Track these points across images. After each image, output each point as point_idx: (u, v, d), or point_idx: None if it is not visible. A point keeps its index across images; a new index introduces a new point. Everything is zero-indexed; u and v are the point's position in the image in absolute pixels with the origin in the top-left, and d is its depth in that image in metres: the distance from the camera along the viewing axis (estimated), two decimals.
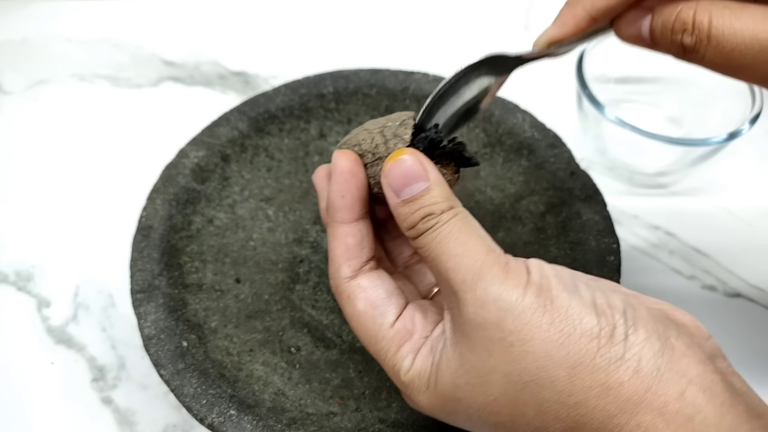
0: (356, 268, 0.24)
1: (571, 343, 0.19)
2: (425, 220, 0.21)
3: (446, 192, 0.22)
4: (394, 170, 0.22)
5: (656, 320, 0.20)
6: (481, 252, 0.21)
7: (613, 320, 0.19)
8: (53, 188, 0.44)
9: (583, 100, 0.40)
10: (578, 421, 0.19)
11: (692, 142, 0.38)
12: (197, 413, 0.27)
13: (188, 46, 0.53)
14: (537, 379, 0.19)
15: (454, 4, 0.57)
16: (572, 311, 0.19)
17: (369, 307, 0.23)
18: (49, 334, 0.36)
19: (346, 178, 0.23)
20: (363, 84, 0.40)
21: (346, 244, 0.24)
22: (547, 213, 0.36)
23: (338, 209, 0.24)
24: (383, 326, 0.23)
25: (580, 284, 0.21)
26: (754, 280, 0.39)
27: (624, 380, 0.18)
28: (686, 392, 0.18)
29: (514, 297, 0.20)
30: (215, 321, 0.32)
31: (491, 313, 0.20)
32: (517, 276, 0.20)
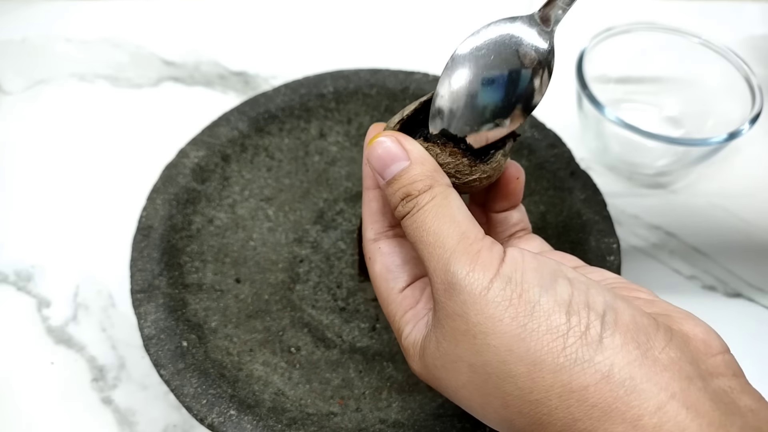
0: (378, 231, 0.25)
1: (534, 339, 0.18)
2: (404, 202, 0.22)
3: (427, 169, 0.22)
4: (373, 153, 0.22)
5: (640, 329, 0.19)
6: (452, 240, 0.20)
7: (587, 321, 0.19)
8: (53, 188, 0.44)
9: (583, 100, 0.40)
10: (541, 420, 0.19)
11: (692, 142, 0.38)
12: (197, 413, 0.27)
13: (188, 46, 0.53)
14: (499, 372, 0.19)
15: (454, 3, 0.57)
16: (540, 307, 0.19)
17: (384, 270, 0.24)
18: (49, 334, 0.36)
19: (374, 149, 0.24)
20: (363, 84, 0.40)
21: (370, 207, 0.25)
22: (547, 213, 0.36)
23: (365, 176, 0.25)
24: (393, 290, 0.24)
25: (562, 280, 0.20)
26: (754, 280, 0.39)
27: (589, 384, 0.18)
28: (666, 407, 0.17)
29: (478, 290, 0.19)
30: (215, 321, 0.32)
31: (457, 305, 0.20)
32: (484, 267, 0.20)
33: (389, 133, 0.22)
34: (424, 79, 0.40)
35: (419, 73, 0.40)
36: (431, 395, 0.30)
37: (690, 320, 0.20)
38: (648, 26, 0.43)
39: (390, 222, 0.25)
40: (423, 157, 0.22)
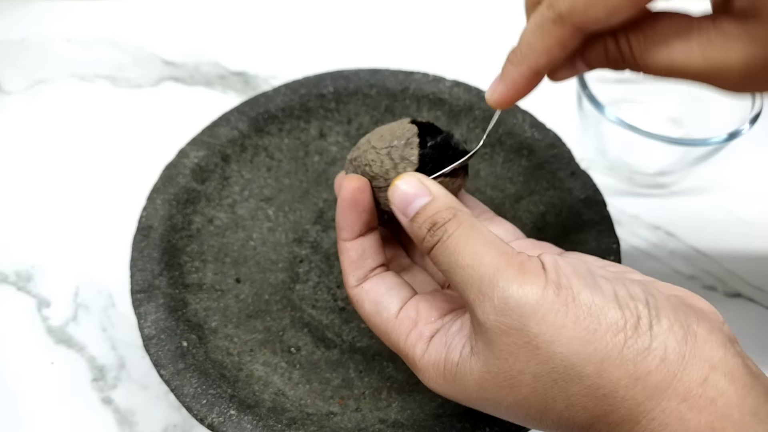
0: (360, 277, 0.26)
1: (598, 339, 0.19)
2: (432, 232, 0.22)
3: (448, 201, 0.23)
4: (396, 195, 0.24)
5: (676, 308, 0.20)
6: (492, 258, 0.21)
7: (636, 311, 0.20)
8: (53, 188, 0.44)
9: (583, 100, 0.40)
10: (605, 410, 0.20)
11: (692, 142, 0.38)
12: (197, 413, 0.27)
13: (188, 46, 0.53)
14: (566, 376, 0.20)
15: (454, 3, 0.57)
16: (595, 307, 0.20)
17: (373, 304, 0.25)
18: (49, 334, 0.36)
19: (348, 205, 0.26)
20: (363, 84, 0.40)
21: (349, 257, 0.26)
22: (547, 213, 0.36)
23: (341, 229, 0.26)
24: (388, 318, 0.25)
25: (599, 278, 0.21)
26: (754, 280, 0.39)
27: (651, 369, 0.19)
28: (709, 377, 0.19)
29: (534, 300, 0.20)
30: (215, 321, 0.32)
31: (513, 320, 0.20)
32: (533, 277, 0.20)
33: (408, 174, 0.24)
34: (424, 79, 0.40)
35: (419, 73, 0.40)
36: (431, 395, 0.30)
37: (694, 296, 0.22)
38: None
39: (371, 266, 0.26)
40: (443, 192, 0.23)
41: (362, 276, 0.26)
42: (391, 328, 0.24)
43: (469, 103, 0.39)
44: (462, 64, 0.47)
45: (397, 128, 0.26)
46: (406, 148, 0.25)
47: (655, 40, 0.23)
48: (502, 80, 0.25)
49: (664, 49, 0.23)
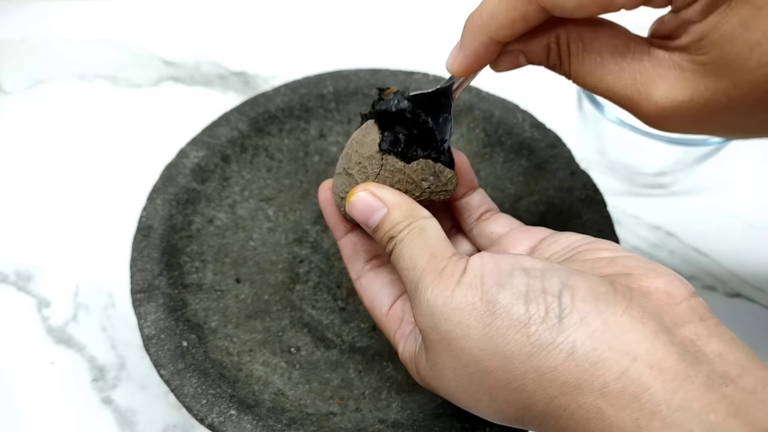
0: (358, 270, 0.28)
1: (500, 336, 0.20)
2: (389, 243, 0.24)
3: (404, 211, 0.24)
4: (353, 210, 0.25)
5: (599, 299, 0.19)
6: (422, 262, 0.22)
7: (545, 305, 0.20)
8: (53, 188, 0.44)
9: (583, 100, 0.40)
10: (524, 404, 0.20)
11: (692, 142, 0.38)
12: (197, 413, 0.27)
13: (188, 46, 0.53)
14: (477, 371, 0.20)
15: (454, 3, 0.57)
16: (499, 304, 0.20)
17: (370, 301, 0.28)
18: (49, 334, 0.36)
19: (324, 206, 0.28)
20: (363, 84, 0.40)
21: (345, 254, 0.29)
22: (547, 213, 0.36)
23: (331, 229, 0.29)
24: (381, 315, 0.27)
25: (518, 272, 0.21)
26: (754, 280, 0.39)
27: (557, 364, 0.19)
28: (629, 370, 0.18)
29: (441, 301, 0.21)
30: (215, 321, 0.32)
31: (427, 319, 0.21)
32: (447, 279, 0.21)
33: (363, 187, 0.25)
34: (424, 79, 0.40)
35: (419, 73, 0.40)
36: (430, 395, 0.30)
37: (651, 273, 0.21)
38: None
39: (364, 259, 0.28)
40: (398, 201, 0.24)
41: (359, 269, 0.28)
42: (384, 324, 0.27)
43: (469, 103, 0.39)
44: None
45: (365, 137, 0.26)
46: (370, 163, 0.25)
47: (591, 52, 0.23)
48: (461, 50, 0.25)
49: (597, 63, 0.23)
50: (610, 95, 0.23)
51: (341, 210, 0.27)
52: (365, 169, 0.25)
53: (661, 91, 0.21)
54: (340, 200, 0.27)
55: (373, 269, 0.28)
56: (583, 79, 0.23)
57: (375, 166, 0.25)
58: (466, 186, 0.28)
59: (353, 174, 0.25)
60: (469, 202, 0.29)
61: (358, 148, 0.25)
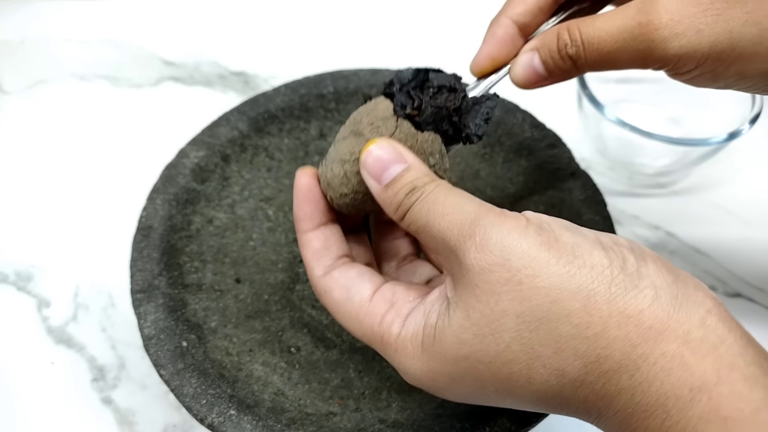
0: (327, 265, 0.24)
1: (583, 275, 0.19)
2: (409, 195, 0.22)
3: (426, 170, 0.22)
4: (369, 159, 0.22)
5: (663, 260, 0.20)
6: (473, 205, 0.21)
7: (621, 254, 0.19)
8: (53, 188, 0.44)
9: (583, 100, 0.40)
10: (599, 354, 0.18)
11: (692, 142, 0.38)
12: (197, 413, 0.27)
13: (188, 46, 0.53)
14: (551, 314, 0.19)
15: (454, 4, 0.57)
16: (578, 247, 0.19)
17: (343, 291, 0.24)
18: (49, 334, 0.36)
19: (304, 193, 0.25)
20: (363, 84, 0.40)
21: (312, 248, 0.25)
22: (547, 213, 0.36)
23: (299, 220, 0.25)
24: (361, 303, 0.23)
25: (582, 228, 0.21)
26: (754, 280, 0.39)
27: (644, 307, 0.18)
28: (707, 320, 0.18)
29: (516, 236, 0.19)
30: (215, 321, 0.32)
31: (495, 255, 0.19)
32: (515, 219, 0.20)
33: (382, 139, 0.23)
34: None
35: None
36: (431, 395, 0.30)
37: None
38: None
39: (336, 254, 0.25)
40: (418, 162, 0.23)
41: (329, 264, 0.24)
42: (364, 313, 0.23)
43: None
44: (462, 64, 0.47)
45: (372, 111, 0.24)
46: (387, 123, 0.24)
47: (597, 17, 0.25)
48: (483, 42, 0.26)
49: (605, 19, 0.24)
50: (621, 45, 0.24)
51: (328, 197, 0.25)
52: (379, 129, 0.23)
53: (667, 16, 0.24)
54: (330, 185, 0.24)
55: (345, 264, 0.24)
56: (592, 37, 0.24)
57: (390, 127, 0.23)
58: None
59: (364, 134, 0.23)
60: None
61: (370, 112, 0.24)
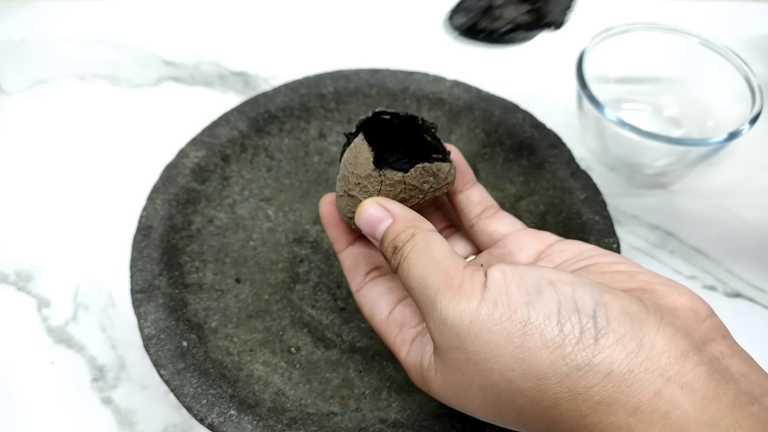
0: (358, 282, 0.28)
1: (533, 357, 0.19)
2: (394, 256, 0.23)
3: (407, 221, 0.24)
4: (361, 222, 0.25)
5: (632, 319, 0.19)
6: (435, 279, 0.21)
7: (579, 326, 0.19)
8: (53, 188, 0.44)
9: (583, 100, 0.40)
10: (555, 419, 0.20)
11: (692, 142, 0.38)
12: (197, 413, 0.27)
13: (188, 46, 0.53)
14: (508, 390, 0.20)
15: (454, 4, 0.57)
16: (531, 325, 0.20)
17: (369, 308, 0.28)
18: (49, 334, 0.36)
19: (327, 220, 0.29)
20: (363, 84, 0.40)
21: (346, 267, 0.29)
22: (547, 213, 0.36)
23: (333, 242, 0.29)
24: (381, 321, 0.27)
25: (546, 288, 0.20)
26: (754, 280, 0.39)
27: (593, 384, 0.19)
28: (663, 391, 0.18)
29: (467, 320, 0.20)
30: (215, 321, 0.32)
31: (451, 339, 0.21)
32: (468, 296, 0.20)
33: (371, 200, 0.25)
34: (424, 79, 0.40)
35: (419, 73, 0.40)
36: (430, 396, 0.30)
37: (675, 291, 0.21)
38: (648, 26, 0.43)
39: (364, 271, 0.28)
40: (403, 212, 0.24)
41: (360, 281, 0.28)
42: (383, 330, 0.27)
43: (469, 103, 0.39)
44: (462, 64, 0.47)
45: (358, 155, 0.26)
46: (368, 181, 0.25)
47: None
48: None
49: None
50: None
51: (349, 223, 0.27)
52: (366, 188, 0.25)
53: None
54: (348, 219, 0.27)
55: (372, 280, 0.28)
56: None
57: (375, 184, 0.25)
58: (463, 179, 0.28)
59: (355, 195, 0.26)
60: (468, 197, 0.28)
61: (354, 169, 0.26)
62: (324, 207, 0.29)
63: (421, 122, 0.26)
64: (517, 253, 0.26)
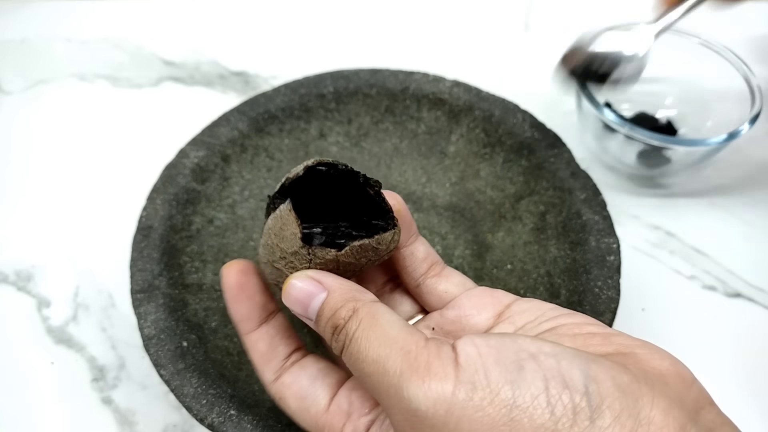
0: (276, 369, 0.24)
1: None
2: (335, 337, 0.20)
3: (345, 291, 0.21)
4: (290, 300, 0.22)
5: (625, 393, 0.18)
6: (395, 362, 0.18)
7: (572, 405, 0.17)
8: (53, 188, 0.44)
9: (583, 100, 0.40)
10: None
11: (692, 142, 0.38)
12: (197, 413, 0.27)
13: (188, 46, 0.53)
14: None
15: (454, 4, 0.57)
16: (518, 409, 0.17)
17: (299, 401, 0.23)
18: (49, 334, 0.36)
19: (234, 294, 0.24)
20: (363, 84, 0.40)
21: (258, 350, 0.24)
22: (547, 213, 0.36)
23: (238, 322, 0.24)
24: (318, 414, 0.23)
25: (528, 363, 0.18)
26: (754, 280, 0.39)
27: None
28: None
29: (444, 409, 0.17)
30: (215, 321, 0.32)
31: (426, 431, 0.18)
32: (442, 379, 0.18)
33: (300, 273, 0.22)
34: (424, 79, 0.40)
35: (419, 73, 0.40)
36: None
37: (656, 355, 0.20)
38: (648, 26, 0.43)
39: (285, 354, 0.24)
40: (338, 283, 0.21)
41: (278, 367, 0.24)
42: (323, 424, 0.22)
43: (469, 103, 0.39)
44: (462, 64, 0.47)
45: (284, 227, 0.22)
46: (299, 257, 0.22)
47: None
48: None
49: None
50: None
51: (273, 289, 0.24)
52: (292, 263, 0.22)
53: None
54: (276, 287, 0.23)
55: (296, 363, 0.24)
56: None
57: (303, 262, 0.22)
58: (407, 233, 0.25)
59: (281, 269, 0.22)
60: (413, 252, 0.25)
61: (279, 242, 0.22)
62: (233, 277, 0.24)
63: (363, 179, 0.23)
64: (474, 315, 0.24)
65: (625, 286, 0.32)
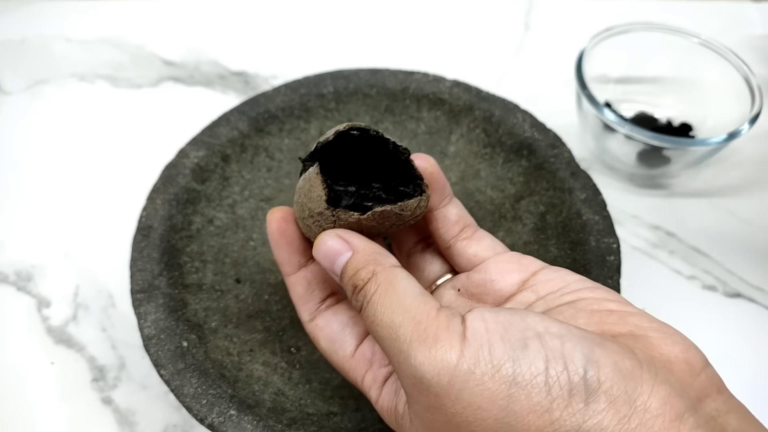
0: (312, 311, 0.26)
1: (518, 421, 0.18)
2: (355, 295, 0.22)
3: (368, 253, 0.22)
4: (319, 255, 0.23)
5: (625, 378, 0.18)
6: (406, 330, 0.19)
7: (569, 386, 0.18)
8: (53, 188, 0.44)
9: (583, 100, 0.40)
10: None
11: (692, 142, 0.38)
12: (197, 413, 0.27)
13: (188, 46, 0.53)
14: None
15: (454, 4, 0.57)
16: (517, 386, 0.18)
17: (329, 342, 0.25)
18: (49, 334, 0.36)
19: (276, 238, 0.25)
20: (363, 84, 0.40)
21: (297, 292, 0.26)
22: (547, 213, 0.36)
23: (281, 264, 0.26)
24: (345, 357, 0.25)
25: (532, 341, 0.19)
26: (754, 280, 0.39)
27: None
28: None
29: (446, 379, 0.18)
30: (215, 321, 0.32)
31: (429, 398, 0.19)
32: (447, 350, 0.18)
33: (330, 231, 0.23)
34: (424, 79, 0.40)
35: (419, 73, 0.40)
36: None
37: (668, 339, 0.20)
38: (648, 26, 0.43)
39: (320, 298, 0.26)
40: (364, 245, 0.22)
41: (313, 309, 0.26)
42: (348, 368, 0.24)
43: (469, 103, 0.39)
44: (462, 64, 0.47)
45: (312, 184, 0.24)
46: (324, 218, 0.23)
47: None
48: None
49: None
50: None
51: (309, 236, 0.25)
52: (319, 222, 0.23)
53: None
54: (306, 234, 0.25)
55: (330, 307, 0.26)
56: None
57: (328, 222, 0.23)
58: (440, 195, 0.26)
59: (310, 225, 0.24)
60: (445, 215, 0.26)
61: (307, 202, 0.23)
62: (275, 223, 0.25)
63: (393, 146, 0.24)
64: (498, 280, 0.24)
65: (625, 286, 0.32)
